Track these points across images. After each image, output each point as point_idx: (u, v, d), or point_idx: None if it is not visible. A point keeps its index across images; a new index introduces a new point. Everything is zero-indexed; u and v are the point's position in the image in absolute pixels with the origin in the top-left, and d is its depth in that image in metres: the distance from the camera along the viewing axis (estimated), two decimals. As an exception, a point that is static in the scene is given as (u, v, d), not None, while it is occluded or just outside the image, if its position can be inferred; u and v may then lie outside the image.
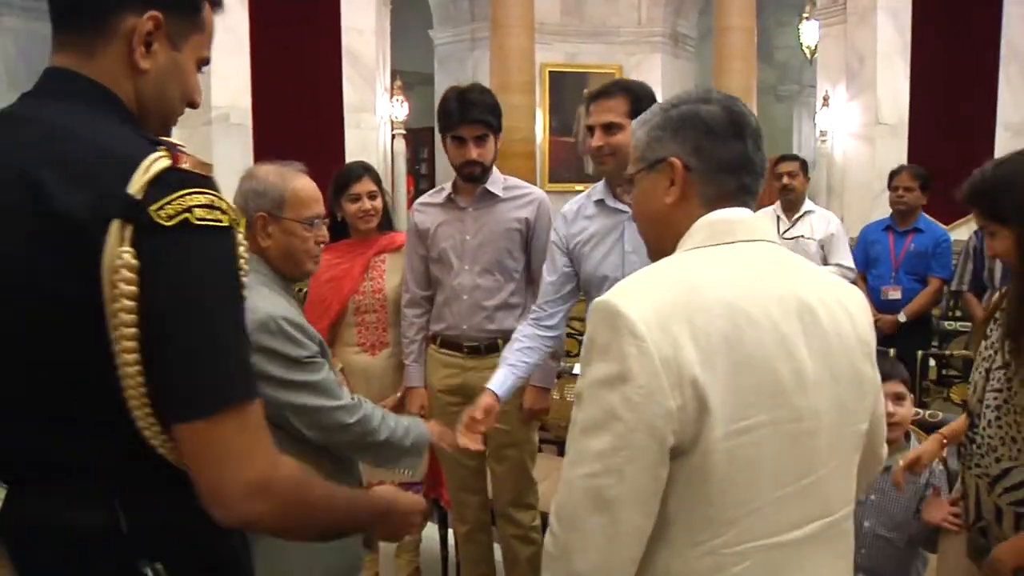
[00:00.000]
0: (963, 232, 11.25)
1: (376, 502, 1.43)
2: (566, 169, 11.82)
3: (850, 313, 1.28)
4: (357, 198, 3.10)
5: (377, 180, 3.16)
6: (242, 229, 1.18)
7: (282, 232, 2.02)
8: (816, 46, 12.18)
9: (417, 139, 14.47)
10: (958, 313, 5.63)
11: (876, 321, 3.94)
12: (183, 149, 1.02)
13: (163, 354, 1.06)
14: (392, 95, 11.05)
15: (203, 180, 1.11)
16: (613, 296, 1.18)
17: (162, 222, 1.04)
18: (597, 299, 1.19)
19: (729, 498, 1.16)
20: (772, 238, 1.32)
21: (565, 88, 12.82)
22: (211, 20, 1.28)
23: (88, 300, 1.05)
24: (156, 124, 1.25)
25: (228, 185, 7.01)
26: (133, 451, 1.13)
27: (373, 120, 10.30)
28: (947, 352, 4.26)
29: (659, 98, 8.80)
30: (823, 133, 11.78)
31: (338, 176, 3.16)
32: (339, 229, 3.19)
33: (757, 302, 1.18)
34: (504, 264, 2.97)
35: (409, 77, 15.02)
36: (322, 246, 2.11)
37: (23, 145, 1.10)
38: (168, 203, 1.05)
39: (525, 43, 11.00)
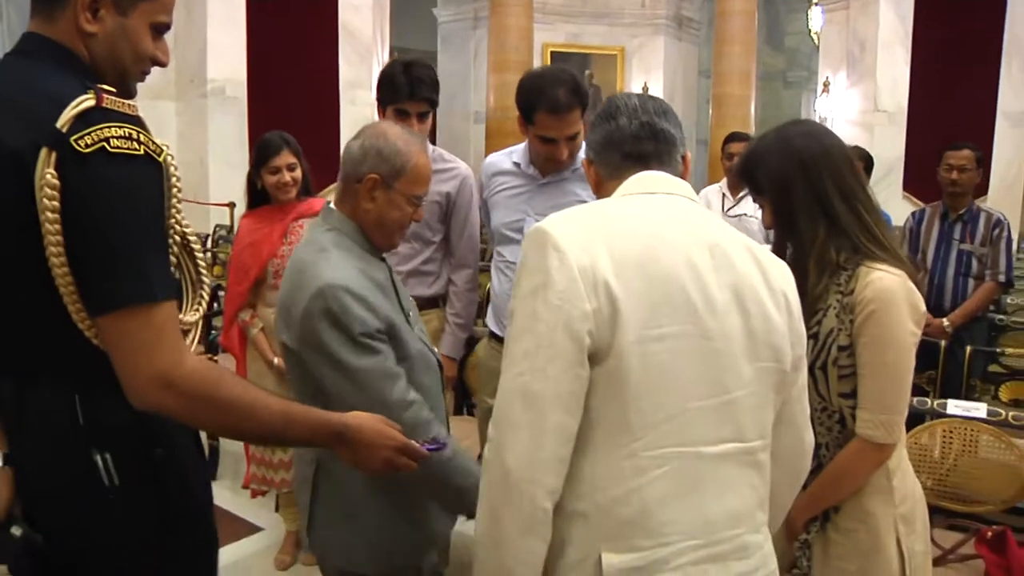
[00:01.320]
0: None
1: (324, 423, 1.48)
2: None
3: (760, 263, 1.38)
4: (276, 170, 3.18)
5: (296, 152, 3.23)
6: (164, 159, 1.34)
7: (387, 200, 1.89)
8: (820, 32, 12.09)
9: (418, 117, 14.50)
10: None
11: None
12: (111, 91, 1.23)
13: (79, 258, 1.25)
14: (390, 72, 11.07)
15: (124, 116, 1.28)
16: (543, 222, 1.32)
17: (80, 149, 1.22)
18: (531, 226, 1.34)
19: (645, 403, 1.25)
20: (691, 197, 1.45)
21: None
22: None
23: (25, 213, 1.24)
24: (114, 82, 1.38)
25: (224, 158, 7.07)
26: (86, 351, 1.31)
27: (369, 96, 10.31)
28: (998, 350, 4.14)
29: (661, 82, 8.85)
30: (823, 119, 11.73)
31: (259, 147, 3.24)
32: (259, 197, 3.29)
33: (670, 233, 1.32)
34: (421, 234, 3.03)
35: (414, 55, 15.04)
36: (412, 224, 2.01)
37: None
38: (87, 134, 1.23)
39: (524, 22, 11.04)
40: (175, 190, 1.36)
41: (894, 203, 9.41)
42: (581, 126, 2.57)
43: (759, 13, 16.34)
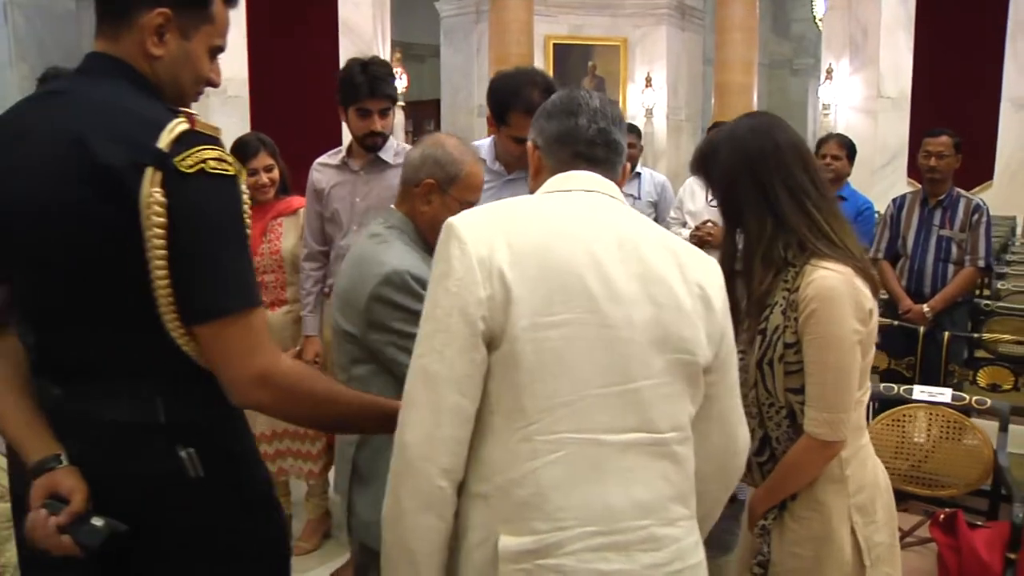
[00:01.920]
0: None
1: (387, 407, 1.55)
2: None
3: (679, 259, 1.41)
4: (254, 172, 3.25)
5: (273, 153, 3.30)
6: (244, 179, 1.46)
7: (442, 204, 2.05)
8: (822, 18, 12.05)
9: (421, 112, 14.55)
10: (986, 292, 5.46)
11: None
12: (197, 116, 1.35)
13: (183, 270, 1.35)
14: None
15: (213, 139, 1.40)
16: (453, 217, 1.38)
17: (184, 170, 1.33)
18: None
19: (539, 388, 1.29)
20: (612, 194, 1.48)
21: (570, 61, 12.83)
22: (223, 13, 1.51)
23: (125, 227, 1.33)
24: (172, 101, 1.48)
25: None
26: (170, 356, 1.41)
27: (370, 92, 10.40)
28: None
29: (665, 71, 8.88)
30: (826, 106, 11.68)
31: (235, 150, 3.30)
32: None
33: (573, 227, 1.36)
34: None
35: (419, 49, 15.09)
36: None
37: (76, 114, 1.37)
38: (189, 155, 1.34)
39: (524, 16, 11.05)
40: (245, 203, 1.47)
41: (898, 189, 9.32)
42: None
43: (765, 1, 16.30)
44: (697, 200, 4.40)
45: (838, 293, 1.71)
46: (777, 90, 17.34)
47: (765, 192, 1.78)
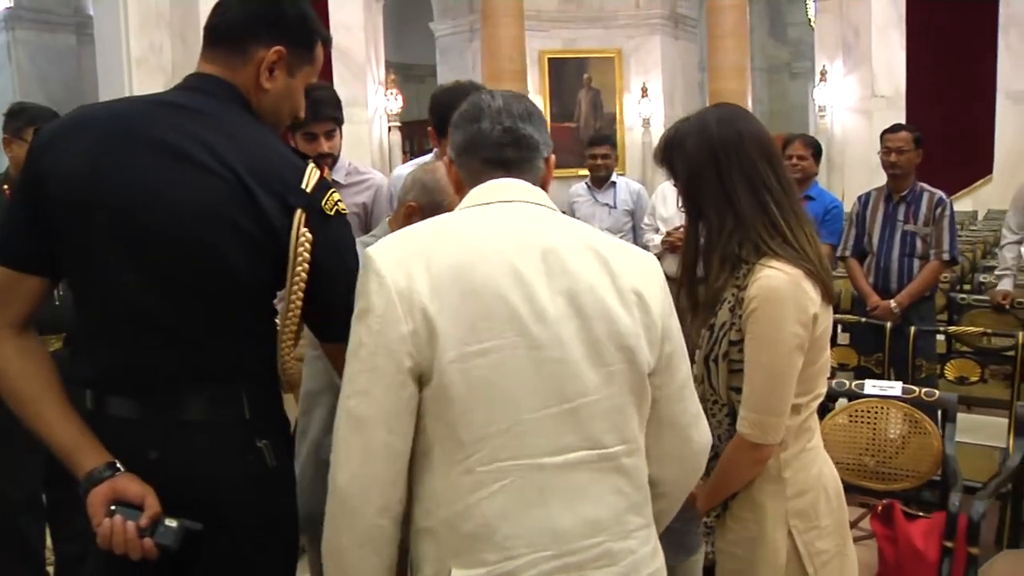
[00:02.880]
0: (967, 203, 11.17)
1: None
2: (568, 154, 11.84)
3: (608, 265, 1.36)
4: None
5: None
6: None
7: None
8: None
9: (420, 131, 14.65)
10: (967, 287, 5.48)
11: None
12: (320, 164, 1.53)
13: (324, 298, 1.51)
14: (387, 88, 11.26)
15: (334, 183, 1.59)
16: (372, 246, 1.35)
17: (327, 211, 1.50)
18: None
19: (474, 417, 1.26)
20: (535, 200, 1.42)
21: (565, 74, 12.91)
22: (321, 55, 1.63)
23: (271, 259, 1.47)
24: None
25: None
26: (262, 361, 1.56)
27: (365, 114, 10.52)
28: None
29: (660, 81, 9.13)
30: (821, 108, 11.70)
31: None
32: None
33: (494, 244, 1.31)
34: None
35: (418, 69, 15.22)
36: None
37: (232, 146, 1.48)
38: (327, 199, 1.51)
39: (515, 32, 11.12)
40: None
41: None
42: None
43: (761, 6, 16.35)
44: (669, 206, 4.43)
45: (781, 295, 1.67)
46: (777, 94, 17.38)
47: (725, 186, 1.73)
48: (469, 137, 1.46)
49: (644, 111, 13.22)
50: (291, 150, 1.59)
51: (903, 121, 10.12)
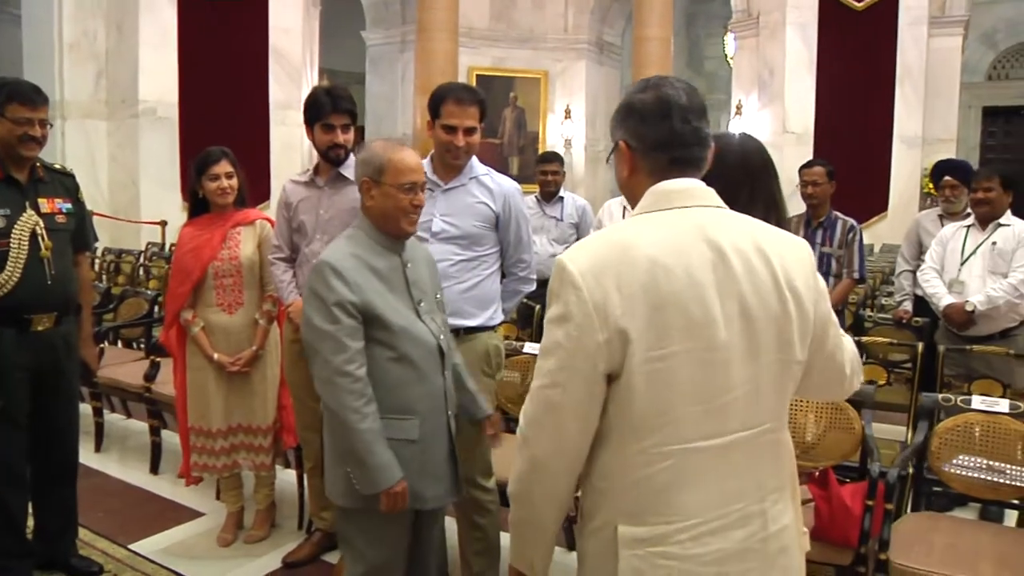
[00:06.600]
0: (865, 237, 11.86)
1: None
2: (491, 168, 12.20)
3: (770, 262, 1.49)
4: (216, 177, 3.52)
5: (233, 163, 3.58)
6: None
7: (381, 195, 2.35)
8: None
9: (348, 137, 14.79)
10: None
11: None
12: None
13: None
14: (320, 93, 11.38)
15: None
16: (566, 254, 1.49)
17: None
18: (558, 256, 1.52)
19: (650, 409, 1.44)
20: (712, 203, 1.54)
21: (492, 92, 13.24)
22: None
23: None
24: None
25: (155, 177, 8.81)
26: None
27: (298, 117, 10.43)
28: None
29: (584, 104, 9.83)
30: (735, 141, 12.28)
31: (199, 159, 3.58)
32: (201, 205, 3.63)
33: (676, 258, 1.44)
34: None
35: (345, 77, 15.36)
36: (420, 209, 2.42)
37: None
38: None
39: (449, 47, 11.40)
40: None
41: (800, 218, 9.98)
42: (479, 127, 2.98)
43: (681, 38, 17.03)
44: (616, 221, 4.79)
45: None
46: (691, 125, 18.03)
47: (754, 204, 1.82)
48: (661, 135, 1.53)
49: (566, 132, 13.69)
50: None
51: (811, 156, 10.90)
